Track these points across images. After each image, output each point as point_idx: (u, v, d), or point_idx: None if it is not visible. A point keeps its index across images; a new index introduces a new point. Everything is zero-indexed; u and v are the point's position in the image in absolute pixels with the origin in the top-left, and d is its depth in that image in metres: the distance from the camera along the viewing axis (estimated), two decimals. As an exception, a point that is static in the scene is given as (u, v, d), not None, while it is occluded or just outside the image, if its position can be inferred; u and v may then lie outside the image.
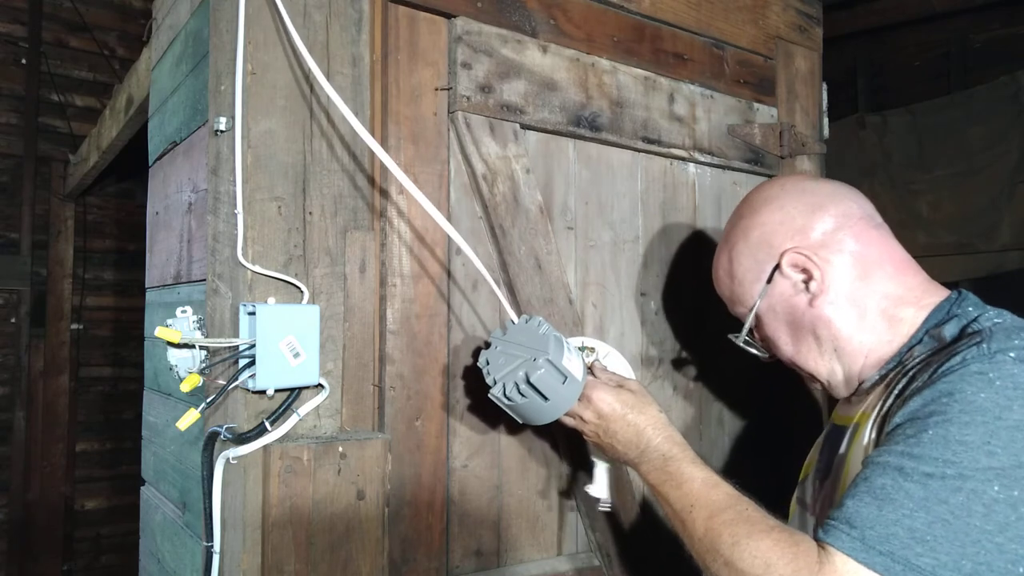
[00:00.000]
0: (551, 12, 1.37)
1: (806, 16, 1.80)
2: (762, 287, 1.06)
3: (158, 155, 1.53)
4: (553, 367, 1.01)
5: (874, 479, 0.80)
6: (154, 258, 1.53)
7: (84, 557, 3.69)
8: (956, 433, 0.77)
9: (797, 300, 1.04)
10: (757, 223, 1.08)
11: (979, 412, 0.78)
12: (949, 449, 0.77)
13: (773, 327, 1.09)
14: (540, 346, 1.02)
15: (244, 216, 1.04)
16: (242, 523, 1.02)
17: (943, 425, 0.78)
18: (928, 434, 0.79)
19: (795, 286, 1.04)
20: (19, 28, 3.57)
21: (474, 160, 1.24)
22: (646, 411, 1.05)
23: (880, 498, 0.78)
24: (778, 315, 1.07)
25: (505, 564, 1.28)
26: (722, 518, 0.89)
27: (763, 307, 1.08)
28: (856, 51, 4.09)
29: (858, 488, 0.81)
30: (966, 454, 0.76)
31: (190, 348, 1.09)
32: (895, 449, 0.81)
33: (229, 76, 1.07)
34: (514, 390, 1.01)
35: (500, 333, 1.09)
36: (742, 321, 1.12)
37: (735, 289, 1.11)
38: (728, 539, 0.86)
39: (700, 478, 0.96)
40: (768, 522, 0.87)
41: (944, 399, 0.80)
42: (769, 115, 1.69)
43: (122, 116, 2.41)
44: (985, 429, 0.77)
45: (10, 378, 3.54)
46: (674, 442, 1.02)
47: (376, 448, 1.10)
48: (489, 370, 1.06)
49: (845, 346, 1.01)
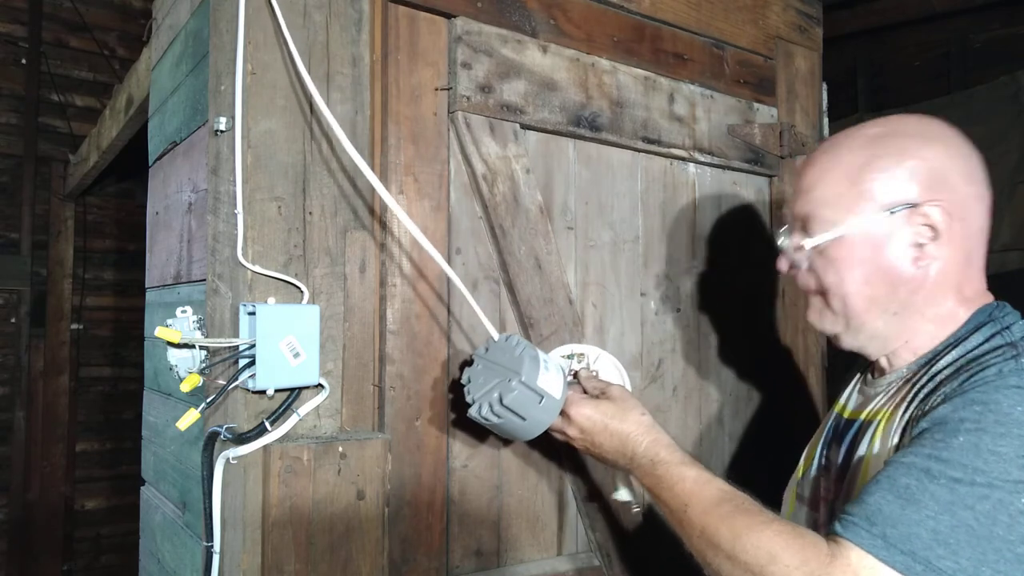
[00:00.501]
0: (551, 12, 1.37)
1: (806, 16, 1.80)
2: (879, 213, 0.94)
3: (158, 155, 1.53)
4: (527, 388, 1.00)
5: (898, 478, 0.79)
6: (154, 258, 1.53)
7: (84, 557, 3.69)
8: (989, 443, 0.77)
9: (902, 250, 0.94)
10: (922, 153, 0.94)
11: (1016, 425, 0.77)
12: (980, 457, 0.77)
13: (852, 256, 0.96)
14: (515, 367, 1.02)
15: (244, 216, 1.04)
16: (242, 523, 1.02)
17: (976, 433, 0.78)
18: (959, 440, 0.78)
19: (913, 236, 0.93)
20: (19, 28, 3.57)
21: (474, 160, 1.24)
22: (628, 417, 1.03)
23: (904, 497, 0.77)
24: (870, 248, 0.95)
25: (505, 564, 1.28)
26: (719, 512, 0.87)
27: (860, 231, 0.95)
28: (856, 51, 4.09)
29: (880, 485, 0.80)
30: (998, 464, 0.76)
31: (190, 348, 1.09)
32: (922, 451, 0.80)
33: (229, 76, 1.07)
34: (489, 411, 1.02)
35: (483, 351, 1.10)
36: (807, 223, 1.00)
37: (845, 191, 0.96)
38: (727, 533, 0.84)
39: (691, 477, 0.94)
40: (766, 515, 0.85)
41: (978, 407, 0.80)
42: (769, 115, 1.69)
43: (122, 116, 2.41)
44: (1020, 443, 0.76)
45: (10, 378, 3.54)
46: (660, 445, 1.00)
47: (376, 448, 1.10)
48: (469, 388, 1.07)
49: (908, 320, 0.97)
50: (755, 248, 1.70)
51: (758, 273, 1.68)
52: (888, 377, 1.00)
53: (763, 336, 1.70)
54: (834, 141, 1.02)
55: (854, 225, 0.95)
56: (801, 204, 1.01)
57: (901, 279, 0.95)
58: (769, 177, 1.71)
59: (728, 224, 1.65)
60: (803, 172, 1.03)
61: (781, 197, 1.71)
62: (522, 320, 1.29)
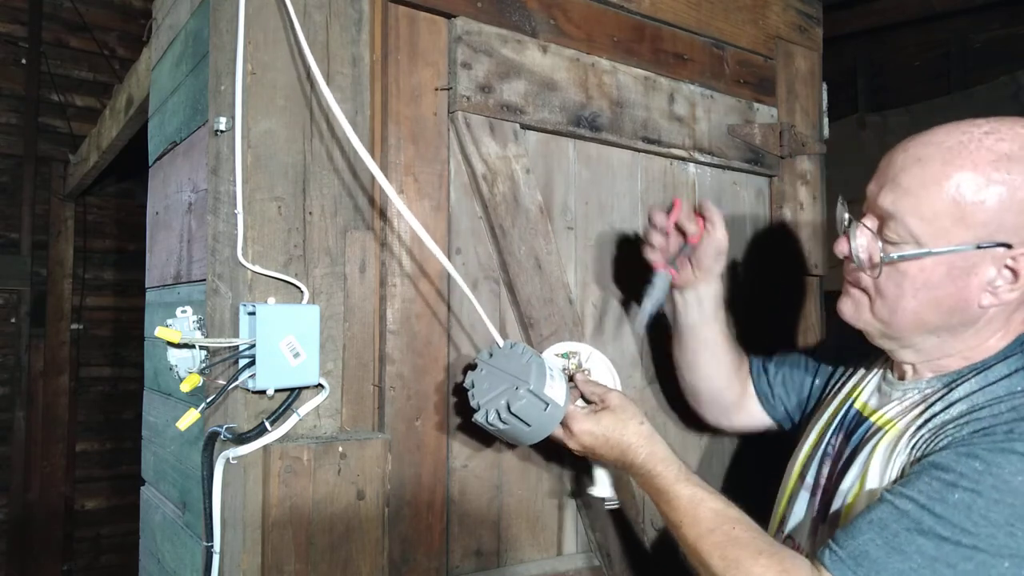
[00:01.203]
0: (551, 12, 1.37)
1: (806, 16, 1.80)
2: (968, 244, 0.86)
3: (158, 155, 1.53)
4: (535, 396, 1.02)
5: (889, 523, 0.82)
6: (154, 258, 1.53)
7: (84, 557, 3.69)
8: (983, 507, 0.78)
9: (976, 286, 0.88)
10: None
11: (1012, 494, 0.78)
12: (970, 519, 0.78)
13: (923, 277, 0.90)
14: (523, 375, 1.04)
15: (244, 216, 1.04)
16: (242, 523, 1.02)
17: (971, 494, 0.79)
18: (955, 496, 0.80)
19: (993, 276, 0.87)
20: (19, 28, 3.57)
21: (474, 160, 1.24)
22: (628, 428, 1.05)
23: (891, 545, 0.80)
24: (945, 275, 0.89)
25: (505, 564, 1.28)
26: (711, 540, 0.91)
27: (941, 259, 0.88)
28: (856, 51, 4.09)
29: (872, 525, 0.82)
30: (986, 529, 0.78)
31: (190, 348, 1.09)
32: (918, 499, 0.81)
33: (229, 76, 1.07)
34: (496, 417, 1.03)
35: (487, 356, 1.11)
36: (888, 222, 0.91)
37: (945, 211, 0.86)
38: (719, 563, 0.89)
39: (686, 496, 0.97)
40: (757, 544, 0.89)
41: (979, 466, 0.80)
42: (769, 115, 1.69)
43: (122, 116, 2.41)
44: (1013, 512, 0.77)
45: (10, 378, 3.54)
46: (657, 458, 1.02)
47: (376, 448, 1.10)
48: (474, 393, 1.08)
49: (947, 343, 0.94)
50: (755, 248, 1.69)
51: (758, 273, 1.68)
52: (907, 384, 1.00)
53: (763, 336, 1.69)
54: (953, 143, 0.88)
55: (940, 248, 0.88)
56: (890, 199, 0.91)
57: (961, 312, 0.91)
58: (769, 177, 1.71)
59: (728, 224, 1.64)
60: (907, 163, 0.90)
61: (781, 197, 1.71)
62: (522, 320, 1.29)
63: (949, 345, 0.95)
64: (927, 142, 0.90)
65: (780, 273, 1.72)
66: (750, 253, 1.69)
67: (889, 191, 0.91)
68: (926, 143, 0.90)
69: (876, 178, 0.95)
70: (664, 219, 1.19)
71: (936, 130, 0.91)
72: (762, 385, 1.31)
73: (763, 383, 1.31)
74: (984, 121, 0.89)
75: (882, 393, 1.04)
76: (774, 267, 1.71)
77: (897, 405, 0.99)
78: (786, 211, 1.70)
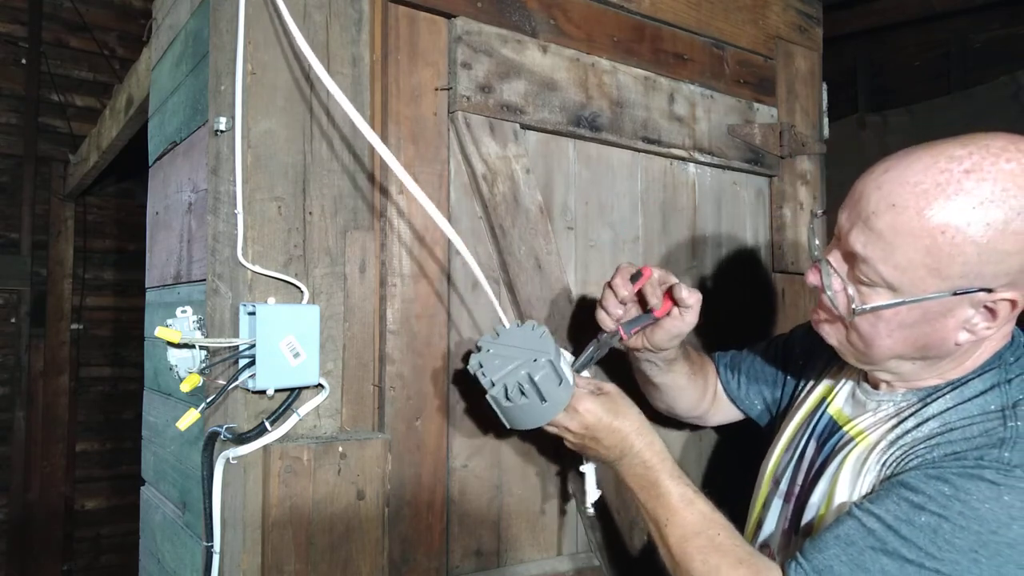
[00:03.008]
0: (551, 12, 1.37)
1: (806, 16, 1.80)
2: (945, 292, 0.82)
3: (158, 155, 1.53)
4: (553, 368, 1.01)
5: (856, 540, 0.83)
6: (154, 258, 1.53)
7: (84, 557, 3.69)
8: (948, 532, 0.79)
9: (952, 327, 0.85)
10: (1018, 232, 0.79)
11: (977, 521, 0.78)
12: (935, 544, 0.79)
13: (897, 320, 0.87)
14: (541, 348, 1.02)
15: (244, 216, 1.04)
16: (242, 523, 1.02)
17: (938, 518, 0.79)
18: (921, 519, 0.80)
19: (971, 316, 0.84)
20: (19, 28, 3.57)
21: (474, 160, 1.24)
22: (628, 416, 1.04)
23: (856, 563, 0.82)
24: (920, 318, 0.86)
25: (505, 564, 1.28)
26: (695, 543, 0.93)
27: (916, 305, 0.84)
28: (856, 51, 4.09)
29: (839, 540, 0.84)
30: (950, 554, 0.78)
31: (190, 348, 1.09)
32: (885, 518, 0.82)
33: (229, 76, 1.07)
34: (516, 390, 1.01)
35: (491, 338, 1.09)
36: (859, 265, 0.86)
37: (921, 260, 0.81)
38: (700, 566, 0.91)
39: (677, 494, 0.97)
40: (737, 553, 0.91)
41: (948, 490, 0.80)
42: (769, 115, 1.69)
43: (122, 116, 2.41)
44: (978, 539, 0.78)
45: (10, 378, 3.54)
46: (654, 450, 1.02)
47: (376, 448, 1.10)
48: (484, 371, 1.05)
49: (924, 369, 0.93)
50: (755, 248, 1.70)
51: (758, 273, 1.68)
52: (881, 395, 1.00)
53: (762, 336, 1.69)
54: (930, 185, 0.80)
55: (914, 297, 0.84)
56: (861, 241, 0.85)
57: (937, 347, 0.88)
58: (769, 177, 1.71)
59: (728, 224, 1.65)
60: (879, 206, 0.83)
61: (781, 197, 1.71)
62: (522, 320, 1.29)
63: (925, 371, 0.94)
64: (903, 181, 0.82)
65: (780, 273, 1.72)
66: (749, 253, 1.69)
67: (860, 232, 0.85)
68: (902, 182, 0.82)
69: (848, 210, 0.88)
70: (628, 288, 1.08)
71: (914, 162, 0.83)
72: (732, 389, 1.31)
73: (732, 387, 1.30)
74: (966, 153, 0.80)
75: (856, 401, 1.04)
76: (774, 267, 1.71)
77: (871, 416, 0.98)
78: (786, 211, 1.70)
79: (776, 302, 1.72)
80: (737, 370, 1.31)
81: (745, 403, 1.30)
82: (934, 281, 0.82)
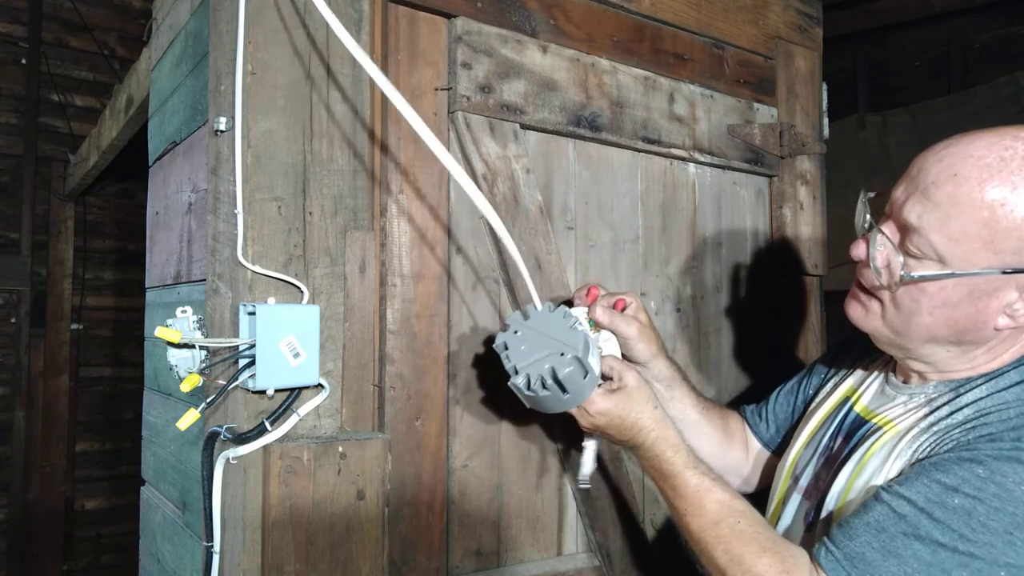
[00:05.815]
0: (551, 12, 1.37)
1: (806, 16, 1.80)
2: (994, 269, 0.82)
3: (158, 155, 1.53)
4: (580, 365, 0.98)
5: (887, 526, 0.81)
6: (154, 258, 1.53)
7: (84, 557, 3.69)
8: (983, 514, 0.78)
9: (994, 309, 0.85)
10: None
11: (1012, 503, 0.78)
12: (969, 526, 0.78)
13: (942, 296, 0.86)
14: (570, 341, 0.99)
15: (244, 216, 1.04)
16: (242, 523, 1.02)
17: (972, 500, 0.79)
18: (955, 502, 0.79)
19: (1014, 299, 0.85)
20: (19, 28, 3.57)
21: (474, 160, 1.24)
22: (643, 410, 1.03)
23: (888, 549, 0.80)
24: (965, 296, 0.85)
25: (505, 564, 1.28)
26: (715, 532, 0.92)
27: (964, 280, 0.84)
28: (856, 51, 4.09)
29: (869, 527, 0.82)
30: (984, 536, 0.77)
31: (190, 348, 1.09)
32: (916, 500, 0.81)
33: (229, 76, 1.07)
34: (539, 383, 0.98)
35: (520, 317, 1.05)
36: (911, 234, 0.87)
37: (975, 232, 0.82)
38: (723, 556, 0.90)
39: (693, 484, 0.97)
40: (760, 540, 0.89)
41: (982, 472, 0.79)
42: (769, 115, 1.69)
43: (122, 116, 2.41)
44: (1012, 520, 0.77)
45: (10, 378, 3.54)
46: (668, 443, 1.01)
47: (376, 448, 1.10)
48: (509, 355, 1.02)
49: (957, 356, 0.92)
50: (755, 249, 1.70)
51: (758, 273, 1.68)
52: (912, 387, 0.99)
53: (763, 336, 1.70)
54: (994, 160, 0.82)
55: (964, 271, 0.84)
56: (916, 211, 0.86)
57: (975, 331, 0.88)
58: (769, 177, 1.71)
59: (728, 224, 1.65)
60: (941, 176, 0.84)
61: (781, 197, 1.71)
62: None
63: (958, 360, 0.93)
64: (966, 154, 0.83)
65: (780, 273, 1.72)
66: (750, 253, 1.69)
67: (917, 202, 0.86)
68: (964, 155, 0.83)
69: (905, 184, 0.89)
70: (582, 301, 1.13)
71: (976, 139, 0.84)
72: (761, 434, 1.25)
73: (762, 431, 1.25)
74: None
75: (884, 395, 1.03)
76: (774, 267, 1.71)
77: (900, 407, 0.97)
78: (786, 211, 1.70)
79: (776, 302, 1.72)
80: (762, 414, 1.27)
81: (781, 445, 1.24)
82: (986, 255, 0.82)
